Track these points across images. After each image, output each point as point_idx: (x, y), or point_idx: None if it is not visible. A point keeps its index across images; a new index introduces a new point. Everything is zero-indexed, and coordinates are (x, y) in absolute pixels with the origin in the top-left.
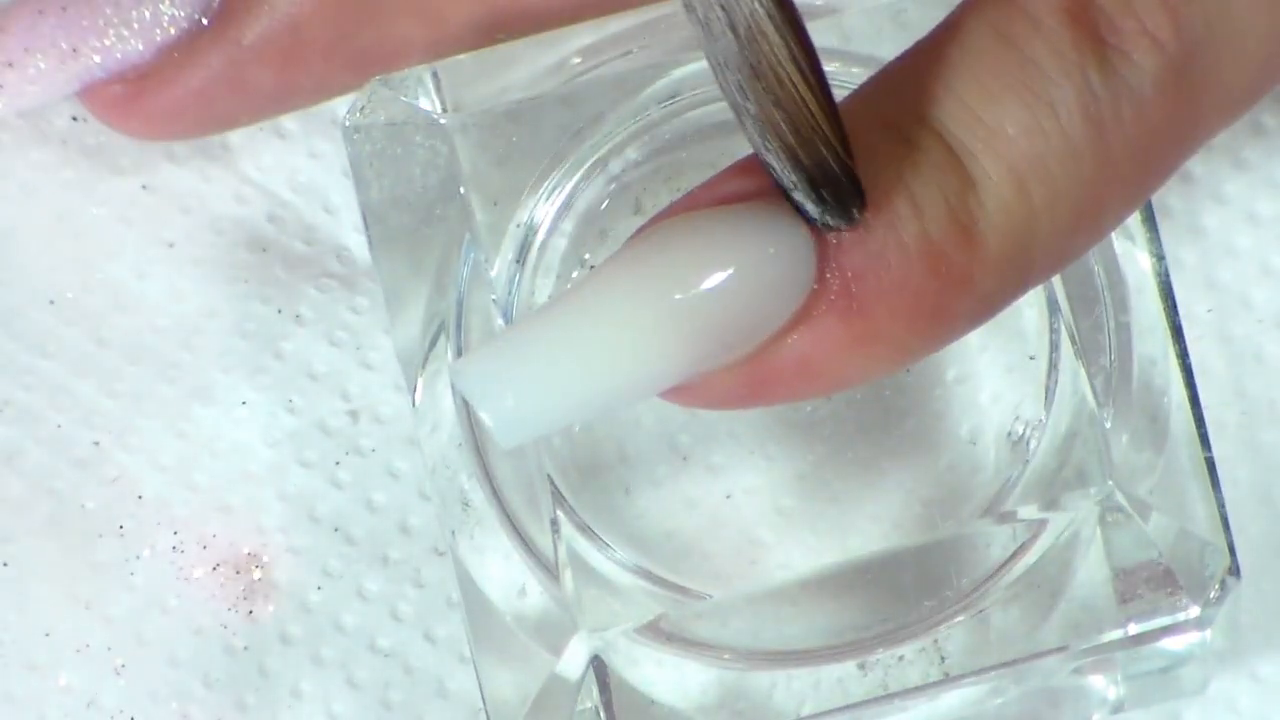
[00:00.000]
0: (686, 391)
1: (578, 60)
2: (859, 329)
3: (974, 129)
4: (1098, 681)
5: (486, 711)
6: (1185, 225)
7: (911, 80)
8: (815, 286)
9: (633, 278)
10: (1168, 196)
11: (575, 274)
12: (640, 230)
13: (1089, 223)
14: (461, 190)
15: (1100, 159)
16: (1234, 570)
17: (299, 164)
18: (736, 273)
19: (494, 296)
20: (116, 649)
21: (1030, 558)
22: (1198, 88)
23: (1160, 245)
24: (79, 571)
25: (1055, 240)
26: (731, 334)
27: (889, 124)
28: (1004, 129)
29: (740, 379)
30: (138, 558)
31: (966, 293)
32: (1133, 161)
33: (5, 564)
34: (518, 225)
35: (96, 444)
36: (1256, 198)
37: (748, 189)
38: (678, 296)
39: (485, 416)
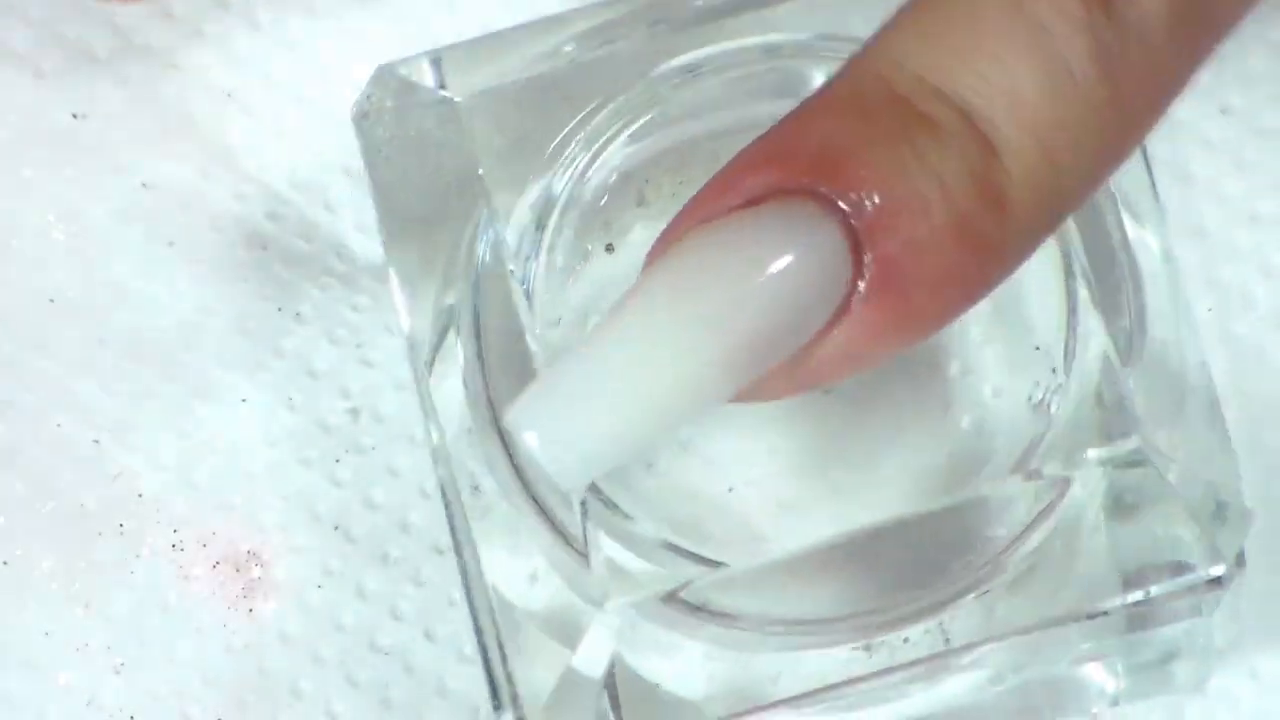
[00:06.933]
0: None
1: (569, 48)
2: (900, 313)
3: (992, 97)
4: (1097, 673)
5: (504, 699)
6: (1186, 225)
7: (916, 48)
8: (852, 278)
9: (671, 302)
10: (1168, 195)
11: (579, 266)
12: (661, 242)
13: (1108, 165)
14: (480, 171)
15: (1116, 107)
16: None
17: (299, 162)
18: (777, 281)
19: (511, 268)
20: (116, 648)
21: (1032, 542)
22: (1203, 16)
23: (1163, 212)
24: (79, 570)
25: (1079, 191)
26: (777, 341)
27: (900, 99)
28: (1023, 95)
29: (784, 380)
30: (137, 556)
31: (999, 259)
32: (1145, 99)
33: (5, 563)
34: (530, 206)
35: (96, 443)
36: (1257, 197)
37: (768, 185)
38: (720, 314)
39: (546, 463)
